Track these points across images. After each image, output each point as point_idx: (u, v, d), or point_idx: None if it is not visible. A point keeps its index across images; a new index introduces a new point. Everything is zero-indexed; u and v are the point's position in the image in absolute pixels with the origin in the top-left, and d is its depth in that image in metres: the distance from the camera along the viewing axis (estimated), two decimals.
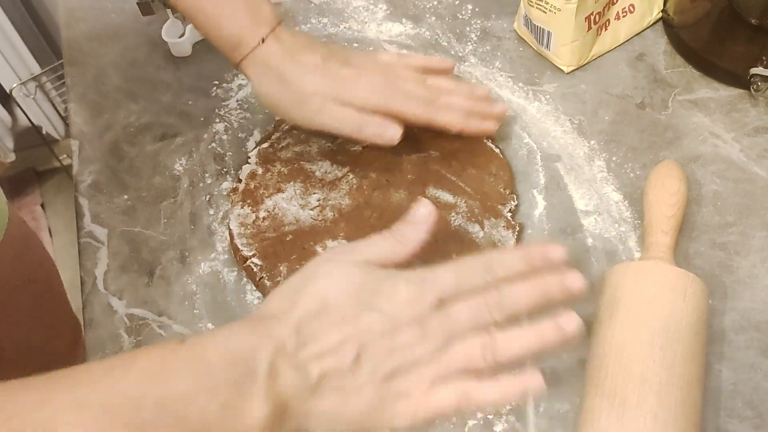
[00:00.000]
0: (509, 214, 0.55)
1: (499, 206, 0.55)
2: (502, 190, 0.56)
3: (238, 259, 0.54)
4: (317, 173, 0.58)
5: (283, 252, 0.54)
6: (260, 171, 0.58)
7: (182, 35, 0.67)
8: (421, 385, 0.38)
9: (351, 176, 0.57)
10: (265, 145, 0.60)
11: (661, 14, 0.65)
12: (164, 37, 0.67)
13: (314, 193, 0.56)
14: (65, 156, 1.50)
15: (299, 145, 0.59)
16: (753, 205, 0.54)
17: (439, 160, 0.57)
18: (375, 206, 0.55)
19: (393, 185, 0.56)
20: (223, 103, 0.63)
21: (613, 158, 0.57)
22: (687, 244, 0.53)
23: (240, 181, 0.58)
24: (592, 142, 0.59)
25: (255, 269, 0.53)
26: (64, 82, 1.35)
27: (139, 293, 0.53)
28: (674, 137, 0.58)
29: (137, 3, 0.67)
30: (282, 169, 0.58)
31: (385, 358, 0.38)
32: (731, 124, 0.59)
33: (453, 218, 0.54)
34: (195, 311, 0.52)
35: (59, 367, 0.34)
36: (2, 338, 0.68)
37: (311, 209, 0.56)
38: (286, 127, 0.61)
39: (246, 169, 0.58)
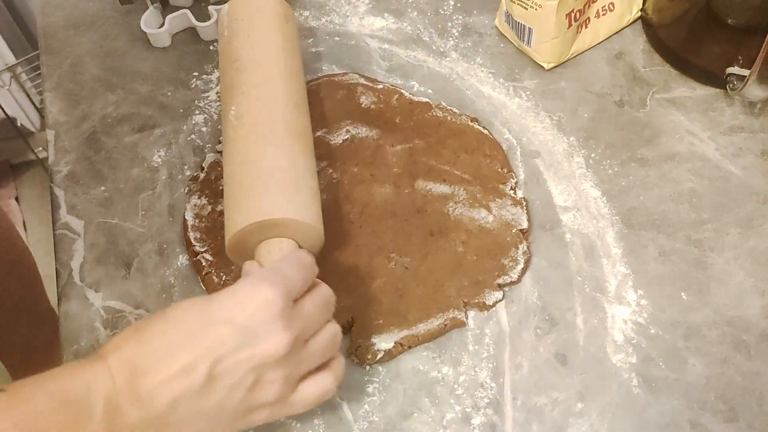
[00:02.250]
0: (512, 192, 0.55)
1: (501, 186, 0.55)
2: (499, 169, 0.56)
3: (190, 252, 0.53)
4: None
5: None
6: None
7: (162, 26, 0.66)
8: (286, 391, 0.38)
9: (330, 171, 0.57)
10: None
11: (640, 13, 0.66)
12: (143, 27, 0.66)
13: None
14: (41, 149, 1.48)
15: None
16: (727, 202, 0.55)
17: (425, 150, 0.57)
18: (356, 201, 0.55)
19: (377, 180, 0.56)
20: (203, 95, 0.63)
21: (592, 155, 0.58)
22: (662, 241, 0.53)
23: (203, 169, 0.57)
24: (572, 138, 0.59)
25: (204, 263, 0.52)
26: (39, 74, 1.32)
27: (116, 286, 0.52)
28: (652, 135, 0.59)
29: None
30: None
31: (243, 371, 0.35)
32: (707, 122, 0.60)
33: (451, 208, 0.54)
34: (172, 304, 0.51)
35: (39, 362, 0.33)
36: None
37: None
38: None
39: (210, 158, 0.57)
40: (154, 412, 0.34)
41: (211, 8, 0.67)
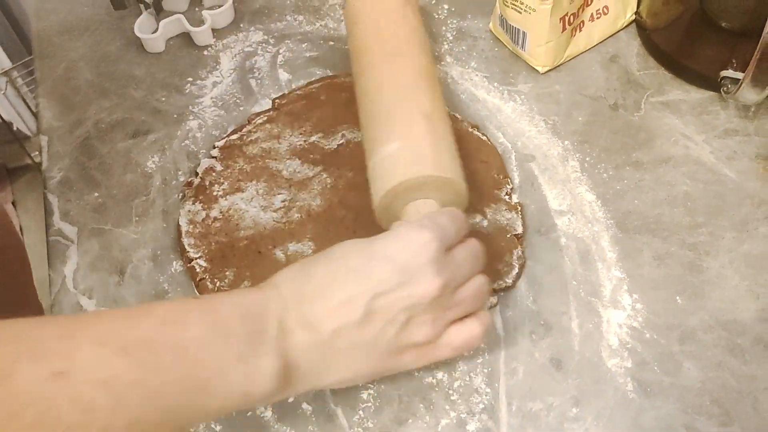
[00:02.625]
0: (507, 197, 0.55)
1: (496, 191, 0.55)
2: (495, 175, 0.56)
3: (184, 258, 0.53)
4: (284, 172, 0.56)
5: (233, 258, 0.52)
6: (219, 167, 0.57)
7: (155, 31, 0.66)
8: (435, 333, 0.40)
9: (324, 175, 0.57)
10: (234, 137, 0.59)
11: (634, 17, 0.66)
12: (137, 32, 0.66)
13: (279, 194, 0.55)
14: (37, 153, 1.48)
15: (268, 142, 0.58)
16: (722, 206, 0.55)
17: None
18: (351, 206, 0.55)
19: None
20: (197, 101, 0.63)
21: (587, 159, 0.58)
22: (657, 245, 0.53)
23: (197, 174, 0.57)
24: (566, 142, 0.59)
25: (198, 269, 0.52)
26: (35, 78, 1.33)
27: (110, 292, 0.52)
28: (646, 138, 0.59)
29: None
30: (244, 166, 0.57)
31: (398, 310, 0.38)
32: (702, 126, 0.60)
33: None
34: None
35: None
36: None
37: (274, 211, 0.55)
38: (261, 120, 0.60)
39: (205, 163, 0.57)
40: (320, 337, 0.37)
41: (204, 13, 0.67)
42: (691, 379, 0.47)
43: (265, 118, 0.60)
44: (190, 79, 0.64)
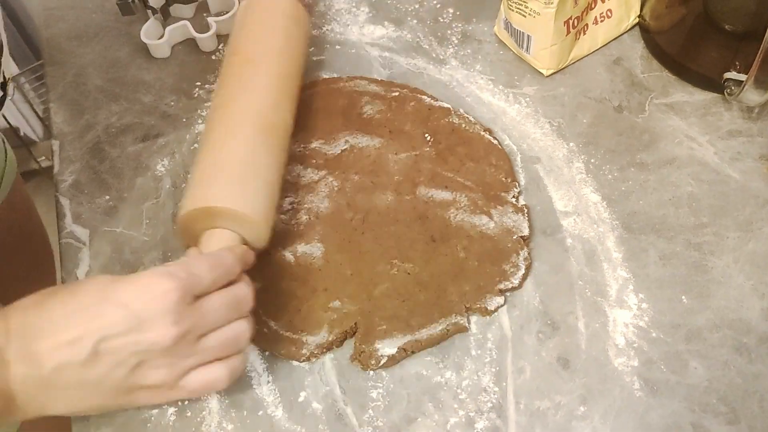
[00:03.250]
0: (513, 200, 0.55)
1: (503, 194, 0.56)
2: (503, 178, 0.56)
3: None
4: (287, 176, 0.57)
5: None
6: None
7: (161, 37, 0.67)
8: (170, 378, 0.40)
9: (330, 179, 0.57)
10: None
11: (637, 19, 0.66)
12: (143, 38, 0.66)
13: (287, 196, 0.56)
14: (44, 158, 1.49)
15: None
16: (727, 206, 0.55)
17: (432, 158, 0.58)
18: (359, 208, 0.55)
19: (379, 187, 0.56)
20: (206, 105, 0.63)
21: (592, 160, 0.58)
22: (663, 245, 0.54)
23: None
24: (571, 144, 0.60)
25: None
26: (42, 84, 1.34)
27: None
28: (651, 140, 0.60)
29: (117, 3, 0.67)
30: None
31: (127, 354, 0.38)
32: (706, 127, 0.60)
33: (452, 215, 0.55)
34: None
35: None
36: None
37: (282, 213, 0.55)
38: None
39: None
40: (40, 372, 0.37)
41: (210, 20, 0.67)
42: (698, 377, 0.48)
43: None
44: (199, 83, 0.65)
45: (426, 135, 0.59)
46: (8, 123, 1.36)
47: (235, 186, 0.47)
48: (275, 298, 0.51)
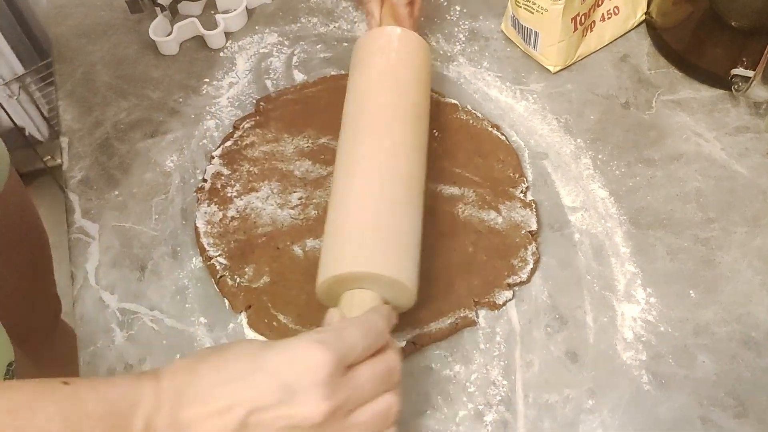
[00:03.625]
0: (521, 195, 0.56)
1: (511, 189, 0.56)
2: (511, 174, 0.57)
3: (204, 257, 0.54)
4: (296, 172, 0.57)
5: (251, 254, 0.53)
6: (226, 171, 0.58)
7: (170, 34, 0.67)
8: None
9: None
10: (229, 143, 0.59)
11: (644, 17, 0.67)
12: (151, 35, 0.67)
13: (295, 192, 0.56)
14: (49, 158, 1.49)
15: (267, 145, 0.59)
16: (734, 201, 0.56)
17: (440, 153, 0.58)
18: None
19: None
20: (214, 100, 0.64)
21: (599, 156, 0.59)
22: (670, 240, 0.54)
23: (206, 180, 0.57)
24: (579, 140, 0.60)
25: (218, 267, 0.53)
26: (48, 83, 1.34)
27: (131, 288, 0.53)
28: (658, 136, 0.60)
29: (125, 1, 0.67)
30: (251, 168, 0.58)
31: (275, 428, 0.35)
32: (713, 123, 0.60)
33: (461, 210, 0.55)
34: (187, 305, 0.52)
35: (35, 344, 0.33)
36: None
37: (291, 208, 0.55)
38: (248, 125, 0.60)
39: (211, 169, 0.58)
40: None
41: (218, 17, 0.68)
42: (706, 371, 0.48)
43: (252, 123, 0.61)
44: (207, 80, 0.65)
45: (434, 131, 0.59)
46: (14, 123, 1.36)
47: (381, 249, 0.44)
48: (284, 292, 0.52)
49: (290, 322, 0.50)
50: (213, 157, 0.59)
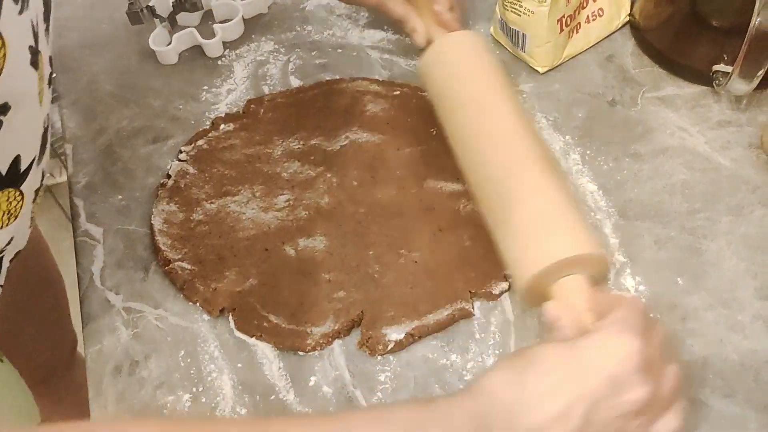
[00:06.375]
0: None
1: None
2: None
3: (160, 259, 0.54)
4: (283, 174, 0.58)
5: (233, 258, 0.53)
6: (192, 170, 0.58)
7: (169, 44, 0.69)
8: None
9: (329, 175, 0.58)
10: (201, 142, 0.60)
11: (628, 18, 0.69)
12: (151, 45, 0.69)
13: (281, 194, 0.57)
14: (49, 176, 1.51)
15: (251, 147, 0.60)
16: (718, 192, 0.57)
17: (440, 150, 0.58)
18: (361, 202, 0.57)
19: (378, 182, 0.58)
20: (213, 107, 0.66)
21: (588, 152, 0.61)
22: (658, 230, 0.56)
23: (169, 177, 0.58)
24: (567, 137, 0.62)
25: (181, 272, 0.53)
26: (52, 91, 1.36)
27: (135, 288, 0.55)
28: (644, 131, 0.62)
29: (126, 13, 0.70)
30: (227, 172, 0.58)
31: (611, 418, 0.37)
32: (696, 118, 0.62)
33: (463, 205, 0.56)
34: (190, 304, 0.53)
35: (58, 384, 0.35)
36: (7, 347, 0.67)
37: (277, 210, 0.56)
38: (230, 128, 0.62)
39: (176, 166, 0.58)
40: None
41: (215, 26, 0.70)
42: (695, 354, 0.50)
43: (237, 125, 0.62)
44: (206, 87, 0.67)
45: (432, 129, 0.60)
46: None
47: (582, 229, 0.47)
48: (276, 292, 0.53)
49: (282, 322, 0.51)
50: (181, 152, 0.59)
